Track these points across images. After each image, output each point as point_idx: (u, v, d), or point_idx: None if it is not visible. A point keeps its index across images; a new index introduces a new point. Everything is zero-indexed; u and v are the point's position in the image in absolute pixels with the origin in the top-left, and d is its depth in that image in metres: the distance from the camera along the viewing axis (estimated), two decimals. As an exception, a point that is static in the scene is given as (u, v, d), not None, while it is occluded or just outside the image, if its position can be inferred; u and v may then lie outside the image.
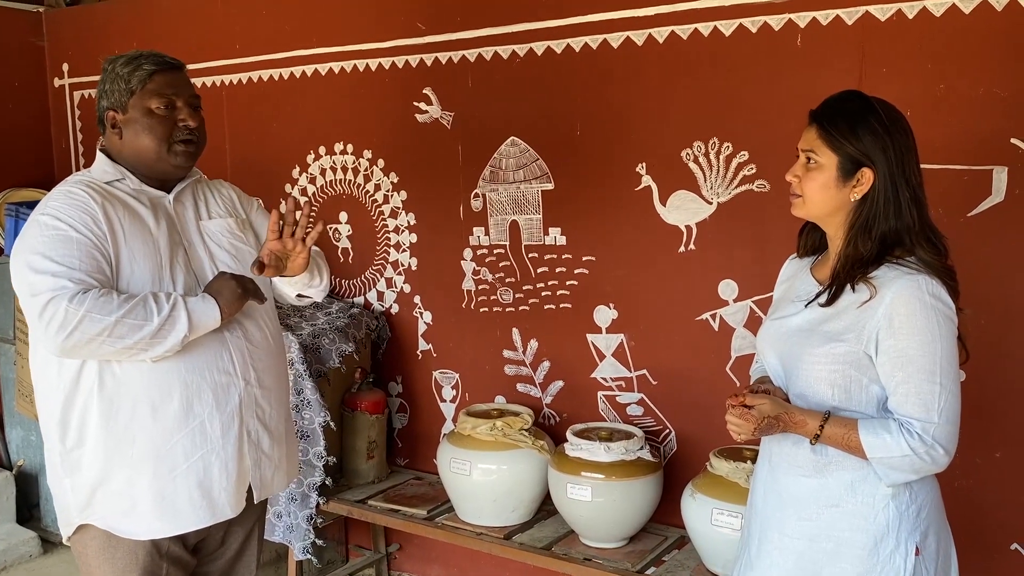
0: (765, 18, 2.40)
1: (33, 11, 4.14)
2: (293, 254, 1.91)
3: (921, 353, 1.55)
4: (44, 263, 1.75)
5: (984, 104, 2.16)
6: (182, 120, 1.91)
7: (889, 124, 1.59)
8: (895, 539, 1.60)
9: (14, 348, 3.77)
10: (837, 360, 1.61)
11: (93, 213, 1.82)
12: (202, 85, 3.58)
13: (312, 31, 3.27)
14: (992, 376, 2.23)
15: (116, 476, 1.85)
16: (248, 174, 3.54)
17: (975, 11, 2.15)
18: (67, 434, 1.86)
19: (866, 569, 1.61)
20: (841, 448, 1.61)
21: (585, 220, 2.78)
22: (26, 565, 3.67)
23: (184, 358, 1.84)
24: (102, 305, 1.71)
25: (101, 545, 1.89)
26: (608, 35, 2.65)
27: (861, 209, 1.61)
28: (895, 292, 1.56)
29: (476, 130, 2.96)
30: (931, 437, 1.54)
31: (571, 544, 2.60)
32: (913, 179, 1.60)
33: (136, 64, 1.90)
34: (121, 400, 1.83)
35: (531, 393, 2.98)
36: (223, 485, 1.92)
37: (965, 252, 2.21)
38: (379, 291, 3.28)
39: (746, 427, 1.63)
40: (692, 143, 2.56)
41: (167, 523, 1.89)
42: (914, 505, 1.62)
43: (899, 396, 1.57)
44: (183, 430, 1.86)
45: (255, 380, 1.96)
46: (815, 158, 1.62)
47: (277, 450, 2.04)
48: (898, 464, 1.56)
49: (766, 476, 1.77)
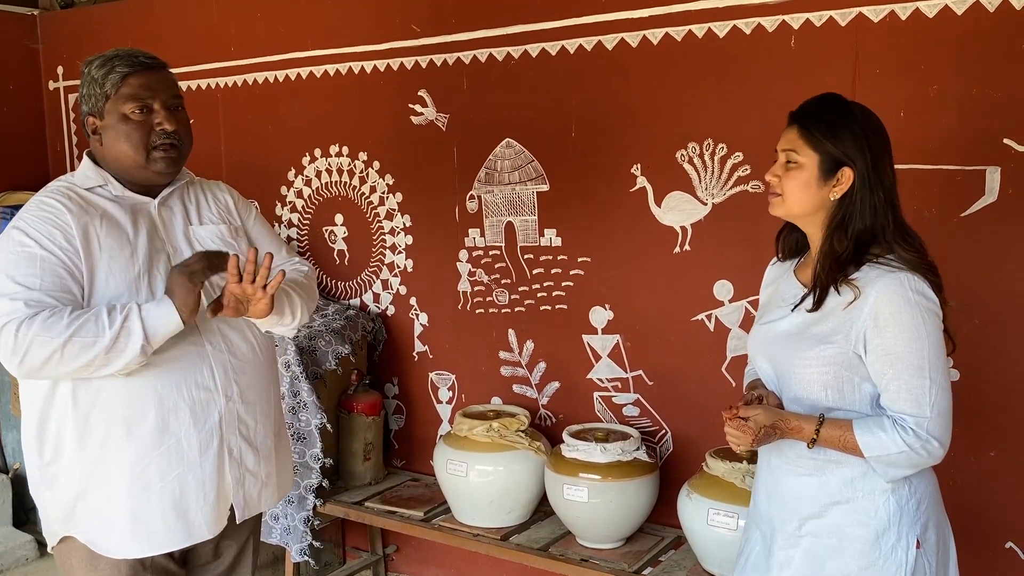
0: (759, 19, 2.41)
1: (28, 14, 4.14)
2: (254, 300, 1.78)
3: (908, 350, 1.57)
4: (5, 284, 1.70)
5: (977, 104, 2.17)
6: (159, 124, 1.81)
7: (865, 125, 1.64)
8: (896, 532, 1.62)
9: (10, 351, 3.77)
10: (828, 362, 1.63)
11: (64, 227, 1.75)
12: (197, 88, 3.58)
13: (307, 33, 3.27)
14: (987, 375, 2.24)
15: (93, 494, 1.82)
16: (244, 177, 3.53)
17: (967, 12, 2.16)
18: (44, 448, 1.82)
19: (869, 563, 1.63)
20: (838, 449, 1.63)
21: (580, 221, 2.79)
22: (22, 568, 3.67)
23: (160, 373, 1.78)
24: (50, 327, 1.65)
25: (84, 556, 1.85)
26: (603, 37, 2.66)
27: (839, 208, 1.64)
28: (878, 291, 1.59)
29: (471, 132, 2.97)
30: (925, 431, 1.57)
31: (568, 545, 2.60)
32: (887, 180, 1.65)
33: (110, 67, 1.81)
34: (95, 417, 1.78)
35: (527, 394, 2.99)
36: (199, 505, 1.85)
37: (959, 252, 2.23)
38: (375, 293, 3.29)
39: (745, 439, 1.64)
40: (687, 144, 2.57)
41: (142, 543, 1.83)
42: (914, 499, 1.64)
43: (890, 393, 1.60)
44: (158, 449, 1.80)
45: (237, 396, 1.89)
46: (795, 158, 1.65)
47: (264, 466, 1.97)
48: (895, 460, 1.58)
49: (767, 478, 1.79)
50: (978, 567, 2.29)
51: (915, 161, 2.25)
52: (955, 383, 2.23)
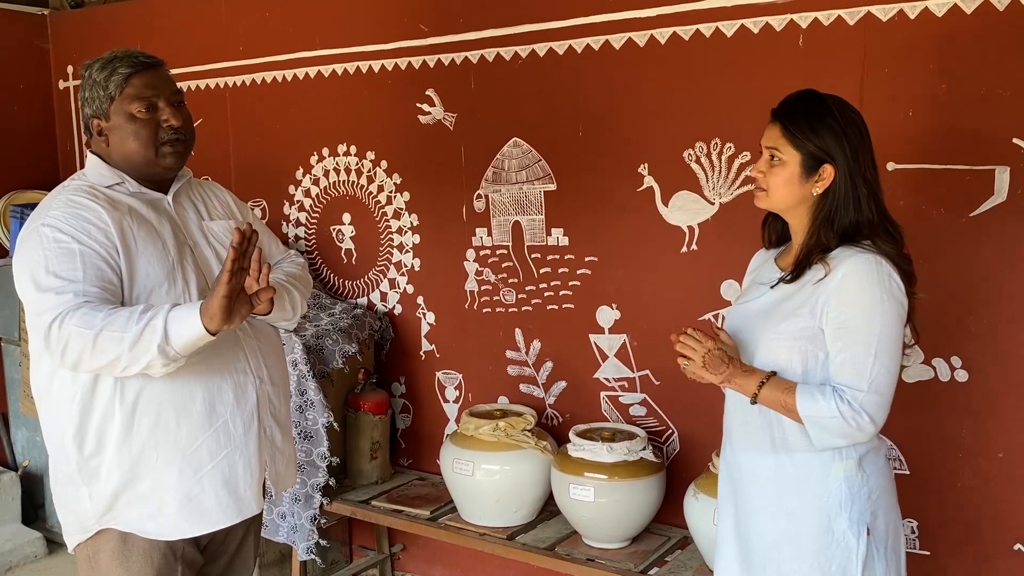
0: (767, 19, 2.41)
1: (38, 14, 4.16)
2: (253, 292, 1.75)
3: (861, 325, 1.64)
4: (48, 279, 1.73)
5: (986, 104, 2.16)
6: (165, 120, 1.87)
7: (845, 122, 1.70)
8: (848, 519, 1.69)
9: (19, 349, 3.79)
10: (794, 336, 1.71)
11: (103, 225, 1.79)
12: (206, 87, 3.59)
13: (316, 33, 3.28)
14: (995, 376, 2.23)
15: (141, 481, 1.85)
16: (252, 176, 3.55)
17: (977, 11, 2.15)
18: (84, 442, 1.84)
19: (822, 546, 1.70)
20: (778, 409, 1.70)
21: (587, 221, 2.79)
22: (31, 566, 3.69)
23: (203, 359, 1.82)
24: (88, 319, 1.68)
25: (115, 549, 1.88)
26: (610, 36, 2.66)
27: (823, 203, 1.71)
28: (846, 268, 1.66)
29: (479, 131, 2.97)
30: (859, 404, 1.63)
31: (574, 544, 2.60)
32: (869, 173, 1.71)
33: (111, 69, 1.86)
34: (144, 406, 1.82)
35: (534, 394, 2.99)
36: (248, 482, 1.94)
37: (967, 252, 2.22)
38: (382, 292, 3.29)
39: (699, 349, 1.72)
40: (694, 144, 2.56)
41: (195, 523, 1.89)
42: (865, 488, 1.71)
43: (836, 364, 1.67)
44: (207, 431, 1.87)
45: (267, 377, 1.99)
46: (779, 155, 1.73)
47: (287, 445, 2.09)
48: (827, 425, 1.65)
49: (727, 455, 1.88)
50: (986, 569, 2.29)
51: (924, 161, 2.24)
52: (963, 384, 2.25)
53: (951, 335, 2.26)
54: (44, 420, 1.92)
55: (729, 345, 1.78)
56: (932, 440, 2.32)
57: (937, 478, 2.33)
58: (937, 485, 2.33)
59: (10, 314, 3.81)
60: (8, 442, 4.07)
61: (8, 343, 3.97)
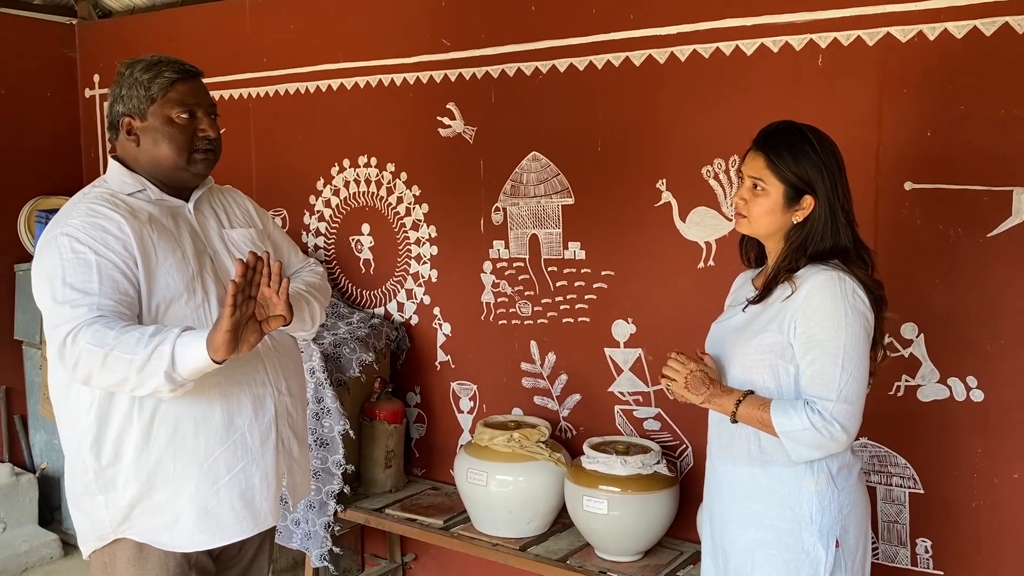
0: (787, 38, 2.43)
1: (66, 23, 4.24)
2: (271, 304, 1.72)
3: (827, 338, 1.71)
4: (64, 291, 1.72)
5: (1004, 125, 2.17)
6: (202, 131, 1.89)
7: (825, 153, 1.76)
8: (818, 531, 1.75)
9: (40, 352, 3.84)
10: (765, 351, 1.78)
11: (123, 236, 1.78)
12: (229, 97, 3.64)
13: (338, 46, 3.33)
14: (1011, 396, 2.23)
15: (158, 492, 1.84)
16: (273, 186, 3.59)
17: (996, 33, 2.16)
18: (102, 451, 1.82)
19: (792, 556, 1.77)
20: (756, 426, 1.77)
21: (605, 235, 2.81)
22: (47, 567, 3.72)
23: (222, 371, 1.75)
24: (101, 336, 1.65)
25: (131, 557, 1.87)
26: (630, 53, 2.69)
27: (800, 230, 1.78)
28: (811, 284, 1.73)
29: (498, 145, 3.00)
30: (829, 414, 1.69)
31: (586, 557, 2.61)
32: (846, 203, 1.78)
33: (157, 71, 1.86)
34: (162, 417, 1.81)
35: (548, 406, 3.00)
36: (264, 495, 1.93)
37: (984, 273, 2.22)
38: (399, 302, 3.32)
39: (682, 371, 1.83)
40: (712, 160, 2.58)
41: (211, 535, 1.88)
42: (835, 503, 1.77)
43: (806, 377, 1.74)
44: (225, 443, 1.86)
45: (286, 389, 1.98)
46: (762, 184, 1.79)
47: (304, 455, 2.08)
48: (801, 437, 1.71)
49: (708, 467, 1.95)
50: (1000, 590, 2.28)
51: (941, 181, 2.26)
52: (979, 403, 2.25)
53: (967, 355, 2.26)
54: (61, 427, 1.91)
55: (712, 368, 1.86)
56: (947, 460, 2.32)
57: (951, 498, 2.32)
58: (951, 505, 2.32)
59: (31, 318, 3.86)
60: (27, 444, 4.11)
61: (29, 346, 4.02)
